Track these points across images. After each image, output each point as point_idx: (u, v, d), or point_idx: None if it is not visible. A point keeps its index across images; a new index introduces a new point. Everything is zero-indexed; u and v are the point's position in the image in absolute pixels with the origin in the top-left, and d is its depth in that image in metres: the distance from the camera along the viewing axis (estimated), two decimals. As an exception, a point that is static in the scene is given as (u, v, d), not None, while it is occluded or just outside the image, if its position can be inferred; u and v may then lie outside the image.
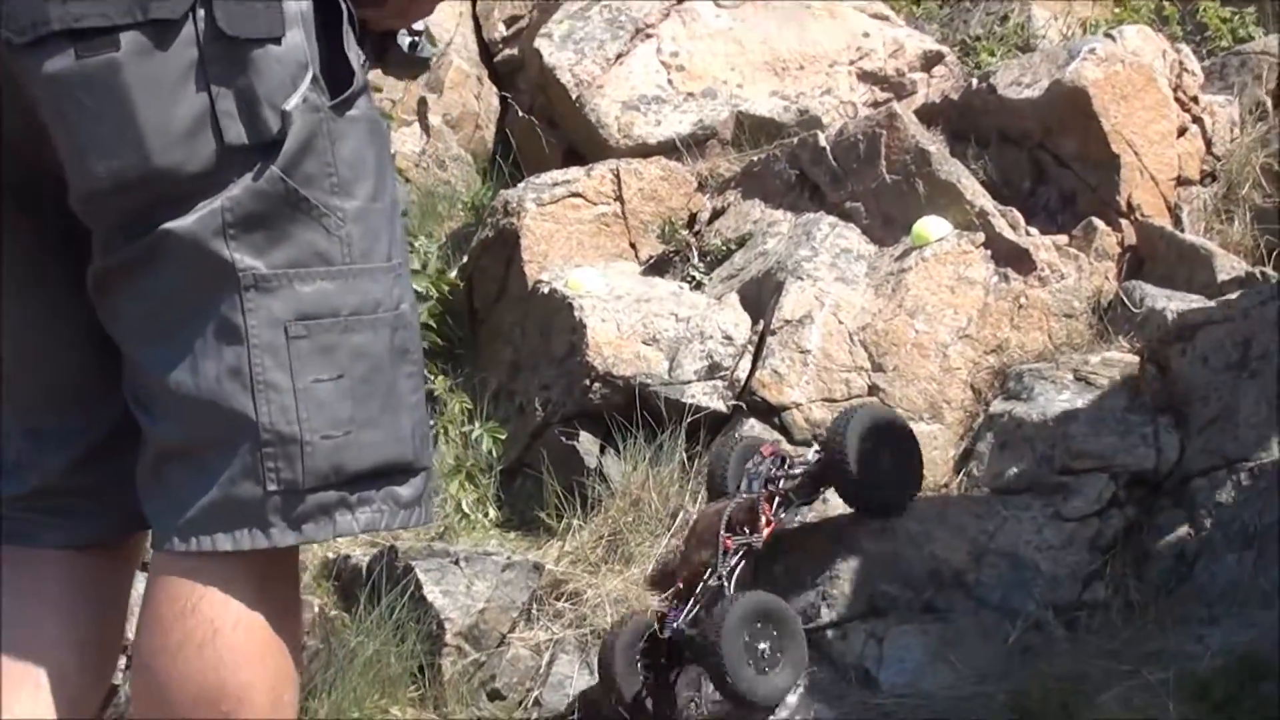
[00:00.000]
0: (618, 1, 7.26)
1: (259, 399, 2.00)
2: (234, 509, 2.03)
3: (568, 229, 6.10)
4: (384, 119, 2.24)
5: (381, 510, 2.11)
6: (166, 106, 1.95)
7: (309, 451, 2.03)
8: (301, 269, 2.03)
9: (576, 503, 4.95)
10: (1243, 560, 3.84)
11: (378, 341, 2.10)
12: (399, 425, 2.13)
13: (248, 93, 1.98)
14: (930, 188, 5.47)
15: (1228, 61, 6.40)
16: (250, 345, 2.00)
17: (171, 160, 1.96)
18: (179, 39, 1.94)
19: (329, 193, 2.05)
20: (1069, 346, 5.01)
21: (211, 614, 2.04)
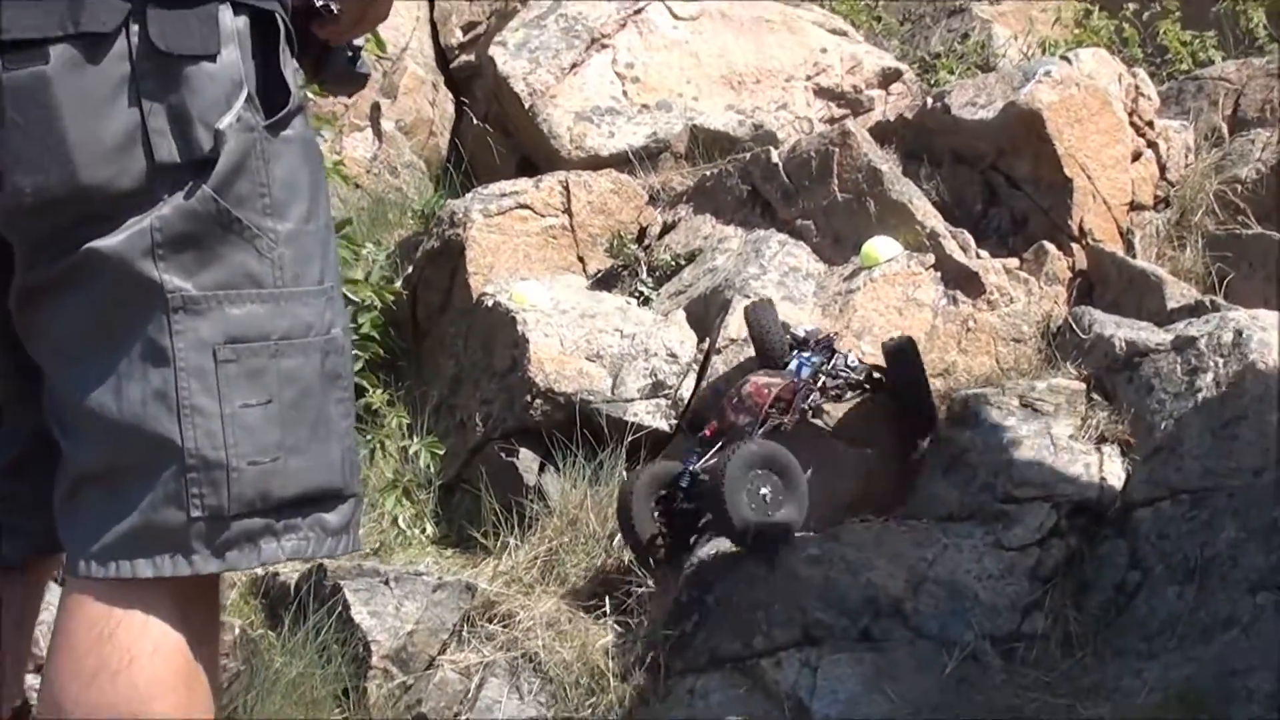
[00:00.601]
0: (574, 10, 7.20)
1: (185, 423, 1.97)
2: (156, 535, 1.99)
3: (514, 241, 6.03)
4: (319, 138, 2.20)
5: (308, 538, 2.08)
6: (96, 122, 1.91)
7: (235, 478, 1.99)
8: (232, 291, 2.00)
9: (514, 521, 4.88)
10: (1183, 593, 3.79)
11: (308, 366, 2.08)
12: (328, 452, 2.10)
13: (180, 110, 1.94)
14: (881, 207, 5.43)
15: (1184, 86, 6.38)
16: (177, 368, 1.97)
17: (100, 177, 1.92)
18: (111, 53, 1.91)
19: (261, 214, 2.02)
20: (1016, 372, 4.95)
21: (129, 641, 1.99)
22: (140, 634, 2.00)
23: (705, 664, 4.10)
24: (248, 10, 2.03)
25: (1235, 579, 3.70)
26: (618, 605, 4.40)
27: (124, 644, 1.99)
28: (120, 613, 2.00)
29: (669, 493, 4.49)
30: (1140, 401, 4.42)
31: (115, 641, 1.99)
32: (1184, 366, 4.37)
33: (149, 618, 2.01)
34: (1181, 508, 4.00)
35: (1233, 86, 6.13)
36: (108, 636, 1.99)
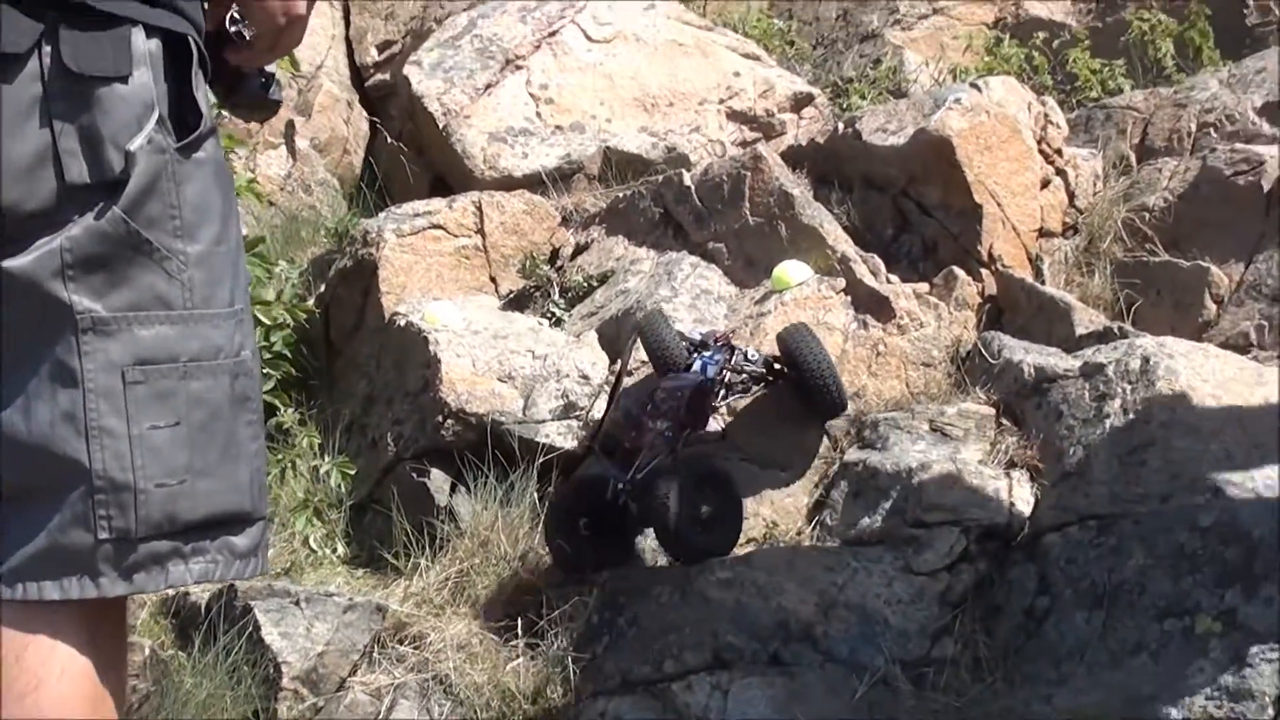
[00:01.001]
0: (489, 31, 7.20)
1: (93, 445, 1.98)
2: (63, 557, 1.99)
3: (427, 260, 6.02)
4: (233, 154, 2.20)
5: (216, 560, 2.10)
6: (7, 142, 1.91)
7: (143, 500, 2.00)
8: (141, 312, 2.01)
9: (425, 542, 4.86)
10: (1092, 619, 3.80)
11: (217, 389, 2.09)
12: (237, 474, 2.12)
13: (91, 131, 1.95)
14: (793, 231, 5.45)
15: (1093, 115, 6.43)
16: (86, 389, 1.98)
17: (10, 198, 1.92)
18: (23, 74, 1.91)
19: (172, 235, 2.03)
20: (926, 396, 4.98)
21: (35, 664, 1.99)
22: (47, 657, 2.00)
23: (616, 687, 4.09)
24: (160, 33, 2.04)
25: (1143, 605, 3.72)
26: (529, 627, 4.39)
27: (31, 667, 1.98)
28: (27, 636, 1.99)
29: (596, 507, 4.53)
30: (1049, 427, 4.45)
31: (22, 664, 1.98)
32: (1092, 393, 4.40)
33: (56, 641, 2.00)
34: (1090, 533, 4.02)
35: (1141, 115, 6.19)
36: (15, 660, 1.98)
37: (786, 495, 4.79)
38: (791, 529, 4.69)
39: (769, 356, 4.92)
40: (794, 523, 4.71)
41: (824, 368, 4.71)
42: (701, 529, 4.36)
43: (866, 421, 4.85)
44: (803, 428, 4.92)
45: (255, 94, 2.50)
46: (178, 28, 2.09)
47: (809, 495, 4.80)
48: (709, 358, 4.85)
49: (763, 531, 4.68)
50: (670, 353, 4.89)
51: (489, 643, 4.36)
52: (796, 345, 4.75)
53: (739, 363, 4.88)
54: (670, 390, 4.65)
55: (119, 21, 2.01)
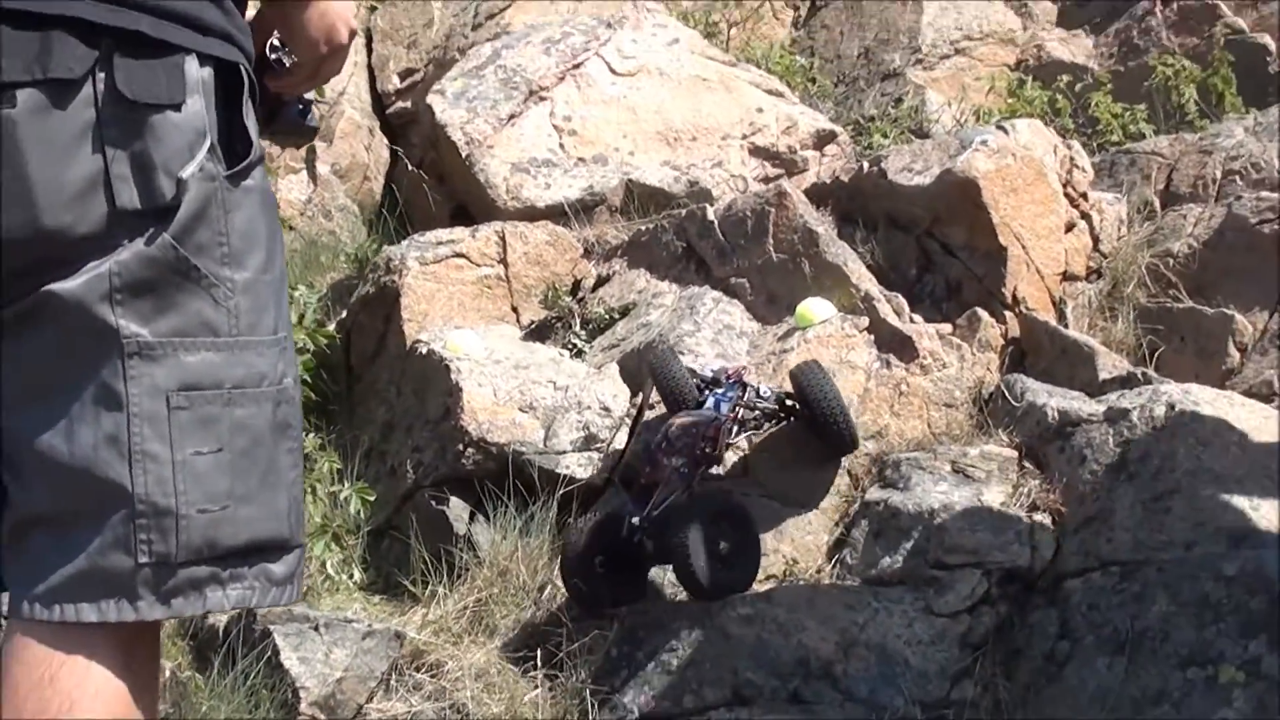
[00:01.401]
0: (513, 62, 7.21)
1: (135, 469, 1.99)
2: (102, 579, 2.00)
3: (449, 289, 6.03)
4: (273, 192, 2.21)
5: (253, 587, 2.11)
6: (59, 166, 1.93)
7: (184, 525, 2.01)
8: (187, 339, 2.03)
9: (443, 570, 4.86)
10: (1114, 665, 3.79)
11: (260, 416, 2.11)
12: (276, 502, 2.13)
13: (143, 157, 1.97)
14: (816, 268, 5.45)
15: (1118, 159, 6.44)
16: (130, 413, 1.99)
17: (61, 221, 1.94)
18: (77, 99, 1.93)
19: (219, 263, 2.05)
20: (948, 437, 4.97)
21: (70, 686, 2.00)
22: (82, 679, 2.01)
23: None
24: (212, 61, 2.07)
25: (1166, 653, 3.71)
26: (548, 658, 4.38)
27: (65, 689, 2.00)
28: (63, 657, 2.01)
29: (612, 544, 4.47)
30: (1072, 471, 4.44)
31: (57, 685, 2.00)
32: (1116, 438, 4.39)
33: (91, 663, 2.02)
34: (1112, 579, 4.02)
35: (1165, 161, 6.20)
36: (49, 680, 2.00)
37: (807, 533, 4.78)
38: (811, 567, 4.68)
39: (782, 393, 4.92)
40: (814, 560, 4.71)
41: (834, 405, 4.70)
42: (721, 565, 4.32)
43: (888, 461, 4.85)
44: (821, 464, 4.92)
45: (293, 120, 2.55)
46: (230, 56, 2.12)
47: (829, 533, 4.80)
48: (722, 394, 4.86)
49: (783, 568, 4.68)
50: (680, 390, 4.93)
51: (507, 673, 4.35)
52: (808, 382, 4.74)
53: (751, 399, 4.89)
54: (684, 427, 4.63)
55: (173, 50, 2.04)
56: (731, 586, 4.37)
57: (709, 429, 4.60)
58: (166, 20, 2.03)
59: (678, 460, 4.54)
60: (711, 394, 4.88)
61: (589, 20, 7.54)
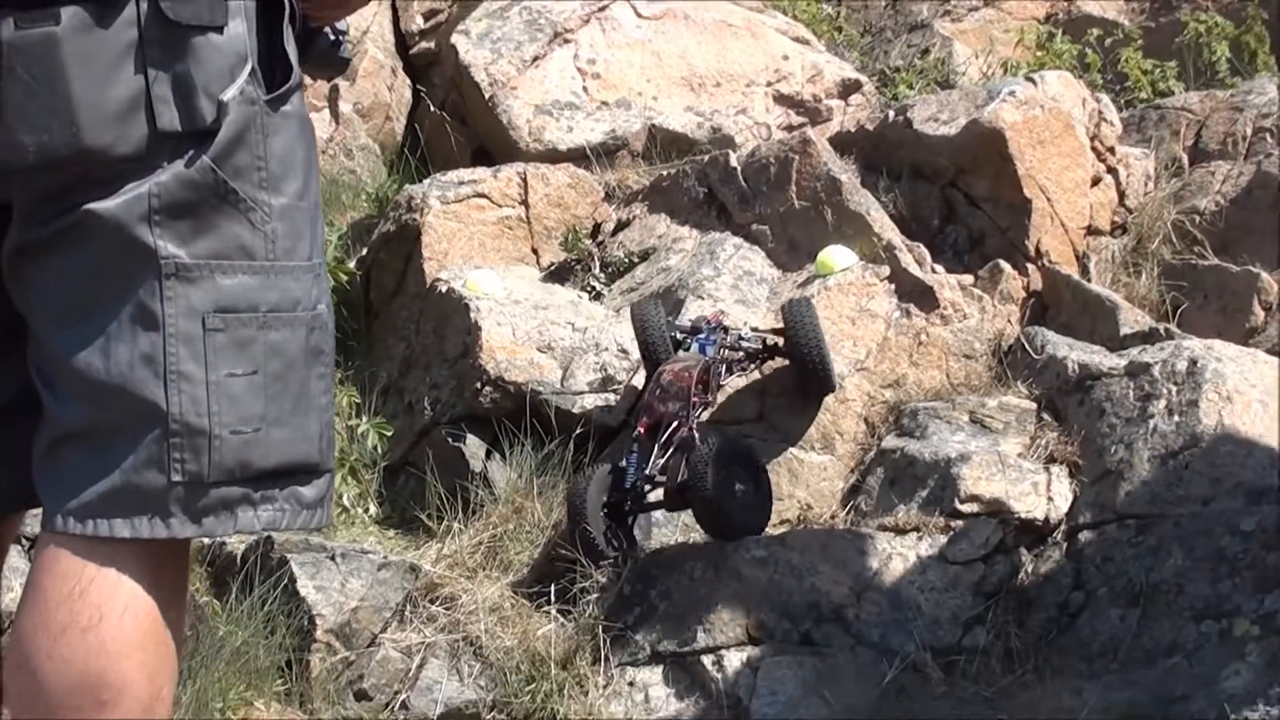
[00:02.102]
0: (538, 4, 7.19)
1: (170, 388, 2.01)
2: (135, 496, 2.02)
3: (470, 229, 6.02)
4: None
5: (283, 509, 2.13)
6: (101, 85, 1.94)
7: (217, 445, 2.03)
8: (224, 261, 2.04)
9: (458, 505, 4.87)
10: (1127, 617, 3.79)
11: (294, 340, 2.12)
12: (308, 425, 2.15)
13: (185, 79, 1.98)
14: (839, 217, 5.43)
15: (1146, 115, 6.41)
16: (166, 334, 2.01)
17: (102, 140, 1.95)
18: (120, 18, 1.93)
19: (257, 187, 2.06)
20: (966, 387, 4.96)
21: (99, 599, 2.01)
22: (111, 592, 2.02)
23: (646, 658, 4.09)
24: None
25: (1180, 606, 3.71)
26: (561, 594, 4.37)
27: (95, 601, 2.01)
28: (93, 570, 2.02)
29: (615, 494, 4.49)
30: (1090, 424, 4.43)
31: (86, 598, 2.01)
32: (1136, 392, 4.38)
33: (121, 577, 2.03)
34: (1128, 532, 4.01)
35: (1195, 118, 6.17)
36: (79, 593, 2.01)
37: (822, 479, 4.79)
38: (826, 512, 4.70)
39: (763, 333, 5.00)
40: (829, 506, 4.72)
41: (812, 345, 4.73)
42: (739, 507, 4.35)
43: (906, 410, 4.85)
44: (837, 413, 4.93)
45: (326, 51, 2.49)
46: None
47: (845, 480, 4.80)
48: (705, 339, 4.91)
49: (797, 513, 4.69)
50: (654, 342, 4.96)
51: (520, 607, 4.35)
52: (792, 318, 4.78)
53: (735, 340, 4.96)
54: (676, 374, 4.68)
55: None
56: (747, 527, 4.39)
57: (700, 372, 4.66)
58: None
59: (674, 405, 4.58)
60: (695, 340, 4.92)
61: (616, -38, 7.51)
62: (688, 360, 4.77)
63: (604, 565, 4.45)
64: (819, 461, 4.83)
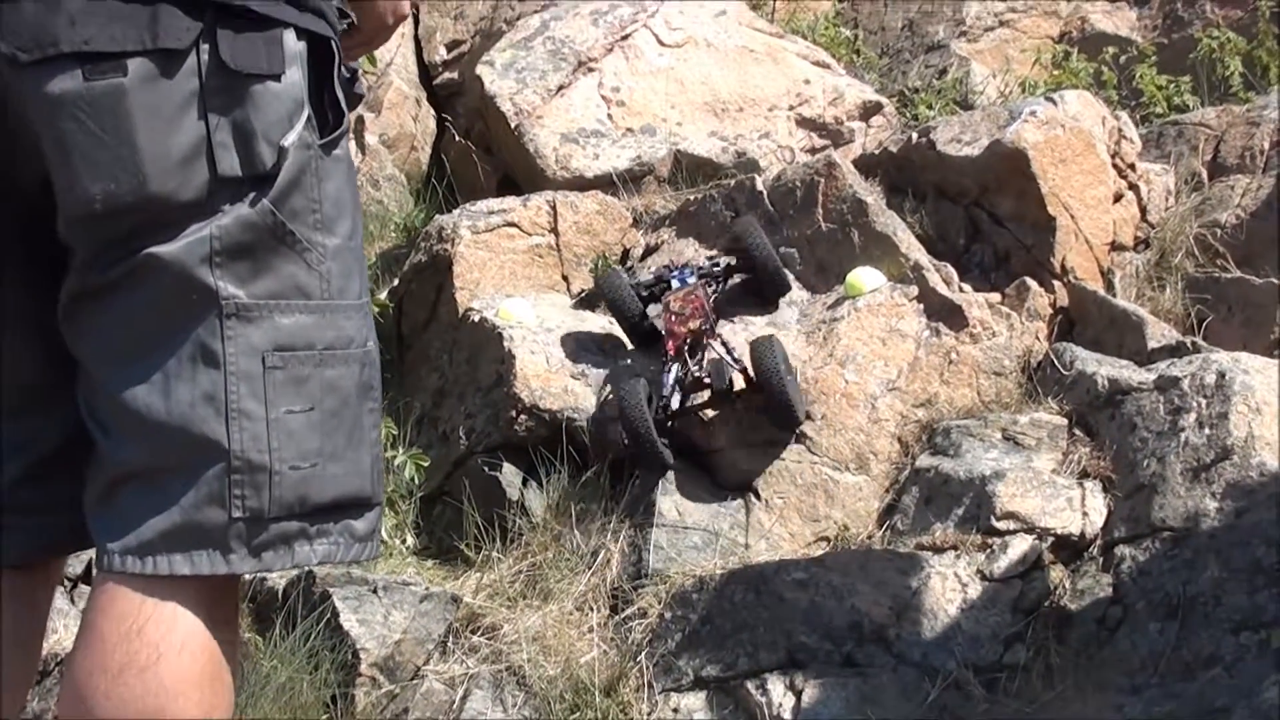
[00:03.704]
0: (562, 33, 7.25)
1: (232, 426, 2.06)
2: (196, 533, 2.06)
3: (501, 258, 6.07)
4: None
5: (337, 543, 2.18)
6: (165, 134, 2.00)
7: (277, 481, 2.09)
8: (282, 301, 2.10)
9: (496, 534, 4.90)
10: (1165, 630, 3.83)
11: (348, 377, 2.18)
12: (361, 459, 2.21)
13: (245, 125, 2.04)
14: (866, 238, 5.48)
15: (1165, 131, 6.45)
16: (228, 372, 2.07)
17: (166, 187, 2.01)
18: (183, 68, 2.00)
19: (313, 228, 2.13)
20: (998, 405, 5.01)
21: (157, 637, 2.05)
22: (169, 630, 2.07)
23: (689, 683, 4.14)
24: (307, 35, 2.13)
25: (1218, 618, 3.74)
26: (602, 622, 4.43)
27: (152, 640, 2.06)
28: (150, 608, 2.07)
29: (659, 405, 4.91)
30: (1122, 439, 4.48)
31: (144, 637, 2.06)
32: (1166, 406, 4.42)
33: (177, 614, 2.08)
34: (1164, 545, 4.05)
35: (1213, 132, 6.22)
36: (136, 632, 2.06)
37: (858, 499, 4.83)
38: (863, 532, 4.73)
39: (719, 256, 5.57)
40: (865, 526, 4.76)
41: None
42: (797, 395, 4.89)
43: (938, 428, 4.89)
44: (870, 433, 4.97)
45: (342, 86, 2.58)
46: (323, 31, 2.18)
47: (880, 499, 4.84)
48: (680, 274, 5.36)
49: (835, 533, 4.73)
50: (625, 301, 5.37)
51: (563, 635, 4.39)
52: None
53: (707, 269, 5.42)
54: (683, 298, 5.15)
55: (273, 24, 2.09)
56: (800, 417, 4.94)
57: (696, 294, 5.14)
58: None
59: (695, 322, 5.05)
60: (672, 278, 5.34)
61: (637, -8, 7.57)
62: (684, 288, 5.20)
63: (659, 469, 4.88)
64: (854, 482, 4.88)
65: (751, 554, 4.63)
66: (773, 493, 4.85)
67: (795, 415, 4.90)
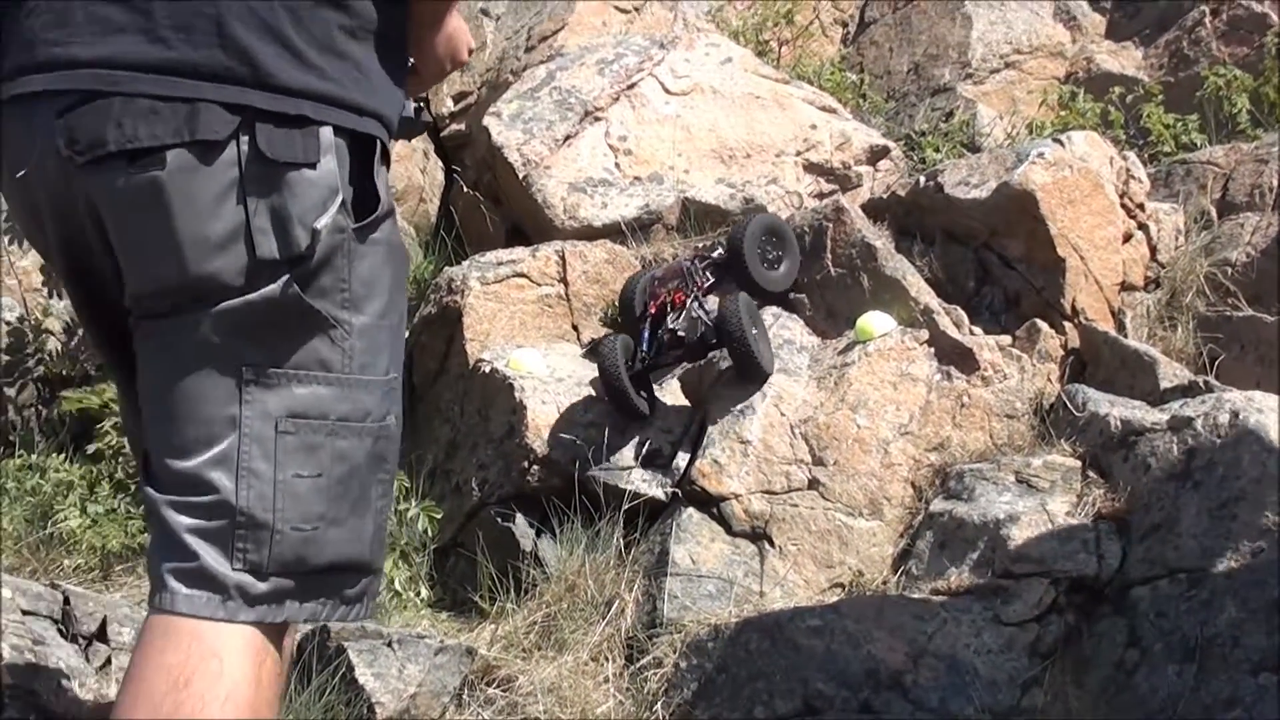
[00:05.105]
0: (568, 84, 7.26)
1: (241, 483, 2.21)
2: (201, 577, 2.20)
3: (511, 309, 6.08)
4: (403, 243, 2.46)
5: (323, 604, 2.31)
6: (204, 221, 2.18)
7: (278, 539, 2.22)
8: (302, 371, 2.26)
9: (510, 585, 4.90)
10: (1184, 672, 3.81)
11: (360, 449, 2.32)
12: (363, 528, 2.33)
13: (281, 211, 2.19)
14: (875, 282, 5.48)
15: (1173, 170, 6.46)
16: (241, 433, 2.22)
17: (207, 269, 2.21)
18: (222, 158, 2.16)
19: (339, 306, 2.27)
20: (1010, 447, 5.00)
21: (203, 689, 2.17)
22: (214, 683, 2.17)
23: (706, 733, 4.13)
24: (348, 134, 2.27)
25: (1236, 659, 3.72)
26: (617, 672, 4.42)
27: (198, 691, 2.16)
28: (196, 660, 2.18)
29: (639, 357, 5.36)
30: (1136, 480, 4.46)
31: (191, 689, 2.16)
32: (1180, 446, 4.41)
33: (224, 669, 2.19)
34: (1180, 587, 4.04)
35: (1221, 171, 6.22)
36: (183, 684, 2.16)
37: (872, 544, 4.82)
38: (877, 578, 4.72)
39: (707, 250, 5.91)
40: (880, 572, 4.75)
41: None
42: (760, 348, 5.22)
43: (951, 472, 4.88)
44: (883, 478, 4.96)
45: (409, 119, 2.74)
46: (365, 129, 2.32)
47: (894, 545, 4.83)
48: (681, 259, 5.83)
49: (849, 579, 4.71)
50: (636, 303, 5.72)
51: (579, 686, 4.38)
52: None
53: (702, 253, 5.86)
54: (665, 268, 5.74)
55: (311, 122, 2.23)
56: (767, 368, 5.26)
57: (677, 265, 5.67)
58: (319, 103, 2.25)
59: (673, 283, 5.52)
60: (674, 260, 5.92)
61: (642, 41, 7.58)
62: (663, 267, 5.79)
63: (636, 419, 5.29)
64: (868, 527, 4.87)
65: (766, 601, 4.62)
66: (786, 539, 4.84)
67: (759, 367, 5.19)
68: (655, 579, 4.74)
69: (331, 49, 2.27)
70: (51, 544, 5.40)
